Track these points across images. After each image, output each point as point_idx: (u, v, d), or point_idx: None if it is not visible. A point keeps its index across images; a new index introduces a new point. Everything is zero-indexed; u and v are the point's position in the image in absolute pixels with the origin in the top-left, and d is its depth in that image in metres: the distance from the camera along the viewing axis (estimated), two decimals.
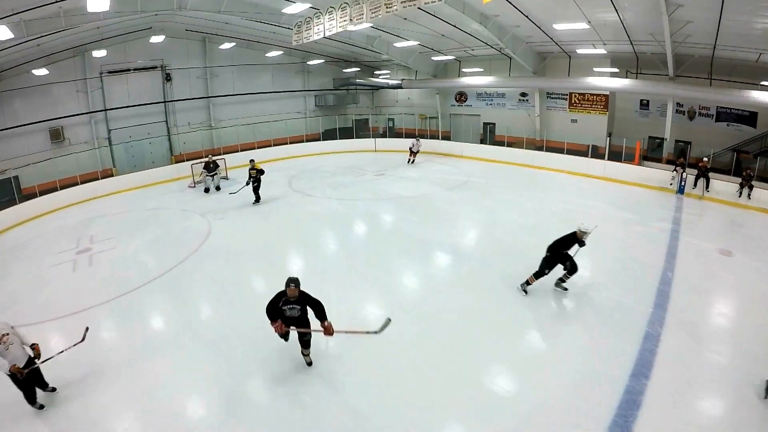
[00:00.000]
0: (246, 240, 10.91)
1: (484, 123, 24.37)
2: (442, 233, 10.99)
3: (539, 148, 19.56)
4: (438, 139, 23.19)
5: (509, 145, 20.58)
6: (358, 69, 27.10)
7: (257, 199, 13.24)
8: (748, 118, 14.16)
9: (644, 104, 18.03)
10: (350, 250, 10.27)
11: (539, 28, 15.19)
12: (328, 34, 12.03)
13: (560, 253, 7.14)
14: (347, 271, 8.96)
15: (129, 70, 18.87)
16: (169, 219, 13.11)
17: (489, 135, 23.78)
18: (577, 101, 20.35)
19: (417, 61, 23.11)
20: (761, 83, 12.67)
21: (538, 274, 7.35)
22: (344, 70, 27.10)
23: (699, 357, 5.96)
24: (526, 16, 14.17)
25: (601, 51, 16.26)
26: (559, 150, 18.60)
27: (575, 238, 6.96)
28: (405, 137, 23.86)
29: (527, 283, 7.51)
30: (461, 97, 25.27)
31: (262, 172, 13.18)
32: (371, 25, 13.62)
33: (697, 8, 10.07)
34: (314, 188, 15.67)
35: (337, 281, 8.39)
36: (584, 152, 18.03)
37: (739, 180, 12.95)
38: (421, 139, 20.56)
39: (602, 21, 12.79)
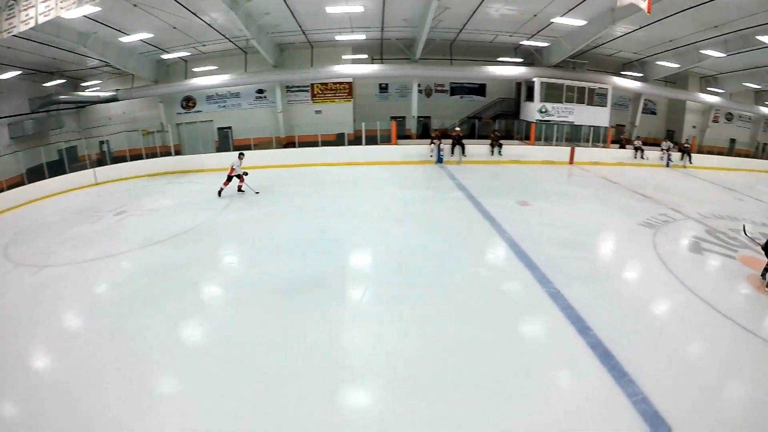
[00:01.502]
0: None
1: (219, 128, 21.32)
2: (269, 266, 7.81)
3: (289, 145, 18.45)
4: (171, 155, 18.77)
5: (256, 147, 18.67)
6: (62, 81, 18.82)
7: None
8: (478, 89, 17.33)
9: (383, 88, 19.53)
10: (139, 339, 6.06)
11: (293, 15, 13.72)
12: (42, 20, 9.06)
13: None
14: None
15: None
16: None
17: (228, 141, 20.96)
18: (320, 92, 20.21)
19: (138, 63, 17.77)
20: (498, 60, 15.42)
21: None
22: (44, 85, 18.43)
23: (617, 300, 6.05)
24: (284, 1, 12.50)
25: (361, 37, 16.22)
26: (312, 143, 17.86)
27: None
28: (130, 160, 18.31)
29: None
30: (189, 102, 21.16)
31: None
32: (99, 9, 9.49)
33: None
34: (47, 253, 9.32)
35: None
36: (335, 142, 18.06)
37: (489, 141, 15.67)
38: (244, 153, 13.78)
39: (368, 5, 12.47)
